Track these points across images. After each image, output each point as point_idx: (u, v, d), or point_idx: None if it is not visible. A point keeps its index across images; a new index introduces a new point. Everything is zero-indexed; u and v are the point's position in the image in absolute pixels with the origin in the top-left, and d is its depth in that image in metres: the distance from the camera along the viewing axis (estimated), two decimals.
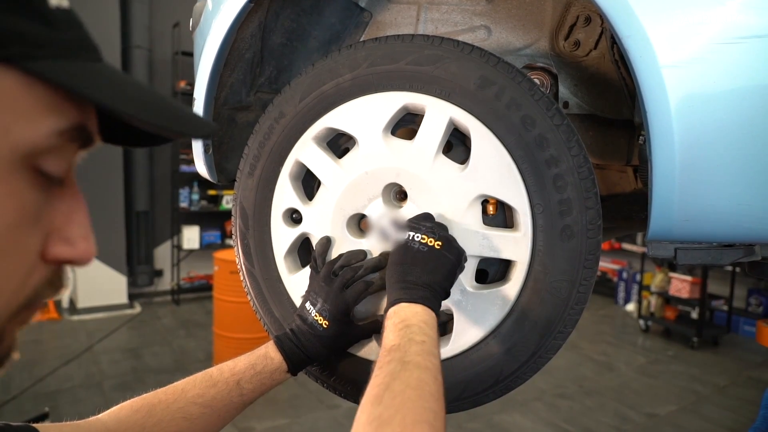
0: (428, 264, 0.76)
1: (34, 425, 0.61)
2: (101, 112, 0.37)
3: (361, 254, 0.90)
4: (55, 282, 0.38)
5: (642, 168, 0.92)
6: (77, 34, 0.34)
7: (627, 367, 4.77)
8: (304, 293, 0.92)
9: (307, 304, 0.89)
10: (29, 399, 3.61)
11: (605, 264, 7.21)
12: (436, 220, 0.83)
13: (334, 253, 0.93)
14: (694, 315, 5.46)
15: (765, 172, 0.69)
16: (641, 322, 5.83)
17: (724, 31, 0.68)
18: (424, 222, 0.80)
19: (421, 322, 0.70)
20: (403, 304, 0.73)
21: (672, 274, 5.64)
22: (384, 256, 0.90)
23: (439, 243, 0.77)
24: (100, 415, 0.73)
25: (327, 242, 0.93)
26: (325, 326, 0.86)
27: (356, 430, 0.55)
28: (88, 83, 0.32)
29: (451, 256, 0.78)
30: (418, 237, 0.78)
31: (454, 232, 0.84)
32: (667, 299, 5.69)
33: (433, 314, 0.73)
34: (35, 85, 0.30)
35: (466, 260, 0.82)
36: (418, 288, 0.75)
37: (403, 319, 0.70)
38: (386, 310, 0.75)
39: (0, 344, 0.35)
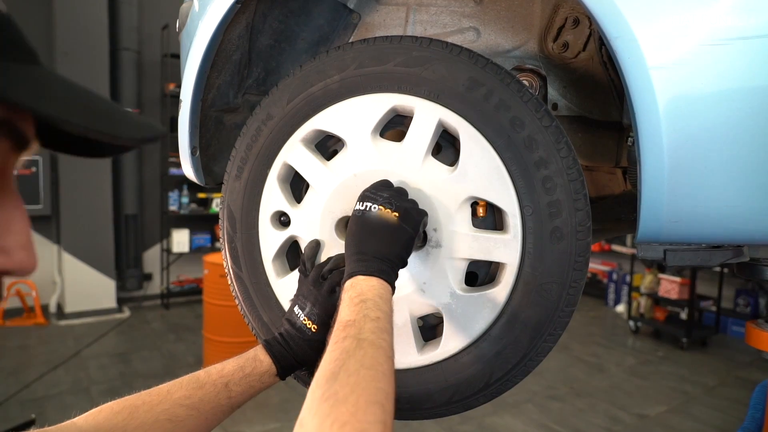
0: (384, 236, 0.76)
1: None
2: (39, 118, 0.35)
3: None
4: None
5: (631, 170, 0.92)
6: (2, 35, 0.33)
7: (617, 368, 4.79)
8: (292, 297, 0.91)
9: (296, 308, 0.88)
10: (15, 405, 3.56)
11: (595, 265, 7.24)
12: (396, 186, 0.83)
13: (323, 257, 0.92)
14: (683, 316, 5.50)
15: (753, 173, 0.69)
16: (631, 323, 5.86)
17: (711, 32, 0.68)
18: (381, 192, 0.79)
19: (377, 296, 0.70)
20: (359, 278, 0.74)
21: (661, 276, 5.67)
22: None
23: (396, 214, 0.77)
24: (75, 419, 0.70)
25: (316, 246, 0.92)
26: (314, 330, 0.85)
27: (311, 404, 0.56)
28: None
29: (409, 227, 0.78)
30: (375, 208, 0.77)
31: (443, 234, 0.84)
32: (656, 300, 5.73)
33: (388, 287, 0.74)
34: None
35: (425, 225, 0.82)
36: (374, 261, 0.75)
37: (359, 293, 0.71)
38: (343, 282, 0.76)
39: None
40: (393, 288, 0.76)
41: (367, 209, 0.78)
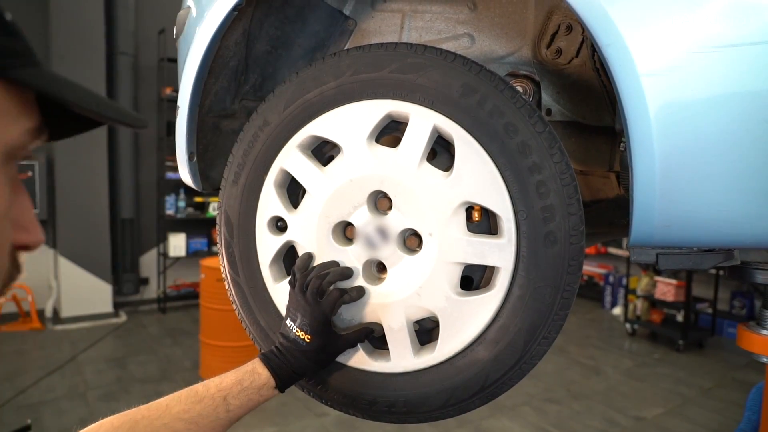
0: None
1: None
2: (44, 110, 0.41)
3: (332, 264, 0.90)
4: (18, 266, 0.43)
5: (623, 174, 0.93)
6: (26, 43, 0.37)
7: (614, 371, 4.80)
8: (285, 310, 0.92)
9: (288, 321, 0.88)
10: (11, 411, 3.54)
11: (592, 268, 7.26)
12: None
13: (317, 263, 0.93)
14: (680, 318, 5.52)
15: (743, 178, 0.70)
16: (627, 325, 5.88)
17: (701, 40, 0.69)
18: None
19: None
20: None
21: (657, 278, 5.69)
22: (349, 267, 0.91)
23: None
24: None
25: (308, 258, 0.93)
26: (307, 341, 0.85)
27: None
28: (54, 86, 0.36)
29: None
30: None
31: (438, 239, 0.85)
32: (652, 303, 5.75)
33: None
34: (12, 91, 0.35)
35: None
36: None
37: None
38: None
39: None
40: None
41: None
